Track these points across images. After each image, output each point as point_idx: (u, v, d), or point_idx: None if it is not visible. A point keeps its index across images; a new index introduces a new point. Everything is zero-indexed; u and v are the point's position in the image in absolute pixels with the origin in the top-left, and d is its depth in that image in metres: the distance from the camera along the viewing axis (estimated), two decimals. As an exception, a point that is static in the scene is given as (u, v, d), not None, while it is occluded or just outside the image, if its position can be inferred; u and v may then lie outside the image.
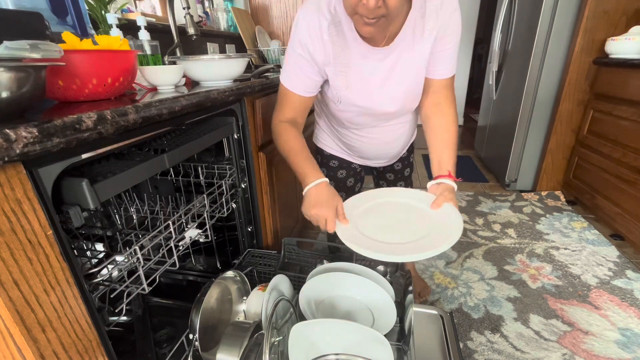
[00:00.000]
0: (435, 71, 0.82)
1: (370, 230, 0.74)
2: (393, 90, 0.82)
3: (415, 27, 0.75)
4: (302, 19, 0.75)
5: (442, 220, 0.74)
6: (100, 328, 0.55)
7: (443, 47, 0.78)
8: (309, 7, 0.74)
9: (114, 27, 0.94)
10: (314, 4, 0.74)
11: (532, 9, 2.00)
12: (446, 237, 0.69)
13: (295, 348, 0.67)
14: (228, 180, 0.98)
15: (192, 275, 1.20)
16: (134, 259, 0.66)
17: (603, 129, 1.81)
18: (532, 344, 1.13)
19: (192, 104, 0.69)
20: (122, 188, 0.58)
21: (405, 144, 1.05)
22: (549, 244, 1.69)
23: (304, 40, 0.75)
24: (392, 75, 0.80)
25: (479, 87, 5.02)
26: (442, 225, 0.73)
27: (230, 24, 2.01)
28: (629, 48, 1.66)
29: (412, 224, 0.76)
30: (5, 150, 0.36)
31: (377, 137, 0.96)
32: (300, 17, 0.75)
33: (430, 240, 0.69)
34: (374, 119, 0.89)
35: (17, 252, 0.41)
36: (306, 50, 0.76)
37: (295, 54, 0.78)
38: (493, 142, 2.64)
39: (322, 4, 0.73)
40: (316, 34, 0.74)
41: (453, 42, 0.78)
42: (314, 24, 0.74)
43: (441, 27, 0.75)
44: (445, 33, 0.76)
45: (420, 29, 0.75)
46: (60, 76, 0.56)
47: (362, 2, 0.61)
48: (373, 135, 0.95)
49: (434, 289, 1.39)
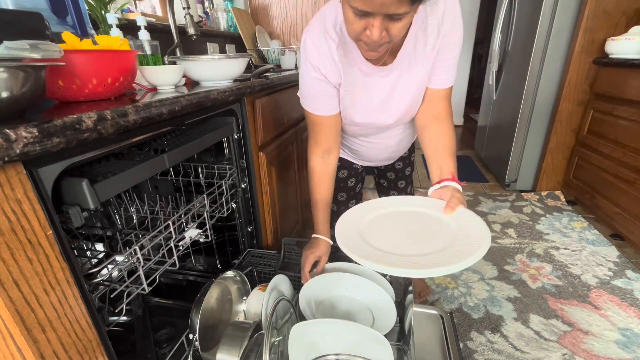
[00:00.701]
0: (435, 81, 0.81)
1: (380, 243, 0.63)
2: (396, 106, 0.82)
3: (417, 42, 0.74)
4: (310, 42, 0.74)
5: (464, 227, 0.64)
6: (100, 328, 0.55)
7: (445, 57, 0.77)
8: (314, 30, 0.73)
9: (114, 27, 0.94)
10: (319, 26, 0.73)
11: (532, 9, 2.00)
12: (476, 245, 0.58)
13: (295, 348, 0.67)
14: (228, 180, 0.98)
15: (192, 275, 1.20)
16: (134, 259, 0.66)
17: (603, 129, 1.81)
18: (532, 344, 1.13)
19: (192, 104, 0.69)
20: (122, 188, 0.58)
21: (407, 146, 1.06)
22: (549, 244, 1.69)
23: (315, 63, 0.75)
24: (395, 91, 0.80)
25: (479, 87, 5.02)
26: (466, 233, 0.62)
27: (230, 24, 2.01)
28: (629, 48, 1.66)
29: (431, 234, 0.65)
30: (5, 150, 0.36)
31: (380, 142, 0.98)
32: (308, 41, 0.74)
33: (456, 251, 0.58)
34: (377, 130, 0.91)
35: (17, 252, 0.41)
36: (320, 73, 0.76)
37: (310, 78, 0.77)
38: (493, 142, 2.64)
39: (328, 26, 0.72)
40: (327, 56, 0.74)
41: (454, 52, 0.77)
42: (324, 47, 0.73)
43: (443, 39, 0.74)
44: (447, 44, 0.75)
45: (422, 43, 0.74)
46: (60, 76, 0.56)
47: (366, 34, 0.61)
48: (376, 141, 0.97)
49: (434, 289, 1.39)
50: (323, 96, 0.80)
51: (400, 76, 0.78)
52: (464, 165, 2.87)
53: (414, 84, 0.79)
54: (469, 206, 2.24)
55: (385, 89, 0.79)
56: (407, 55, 0.75)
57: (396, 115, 0.84)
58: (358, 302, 0.84)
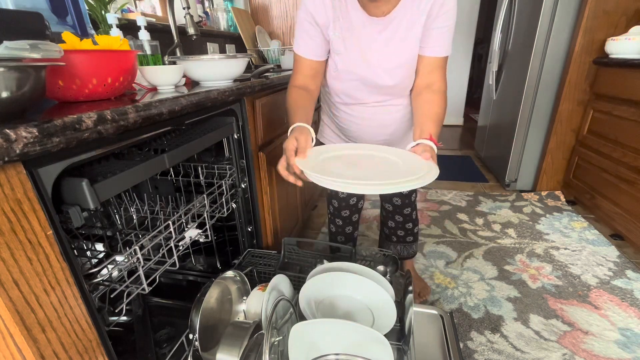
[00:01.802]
0: (431, 47, 0.85)
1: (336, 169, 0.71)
2: (389, 61, 0.85)
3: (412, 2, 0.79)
4: None
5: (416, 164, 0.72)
6: (100, 328, 0.55)
7: (440, 24, 0.81)
8: None
9: (114, 27, 0.94)
10: None
11: (532, 9, 2.00)
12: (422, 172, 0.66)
13: (295, 348, 0.67)
14: (228, 180, 0.99)
15: (192, 275, 1.20)
16: (134, 259, 0.66)
17: (603, 129, 1.81)
18: (532, 344, 1.13)
19: (192, 104, 0.70)
20: (122, 188, 0.58)
21: (403, 132, 1.05)
22: (549, 244, 1.69)
23: (308, 5, 0.82)
24: (389, 47, 0.84)
25: (479, 87, 5.02)
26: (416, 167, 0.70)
27: (230, 24, 2.02)
28: (629, 48, 1.66)
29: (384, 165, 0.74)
30: (5, 150, 0.36)
31: (371, 118, 0.98)
32: None
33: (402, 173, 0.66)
34: (369, 93, 0.92)
35: (17, 252, 0.41)
36: (309, 13, 0.83)
37: (300, 19, 0.85)
38: (493, 142, 2.64)
39: None
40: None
41: (449, 20, 0.81)
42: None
43: (435, 3, 0.79)
44: (440, 11, 0.80)
45: (417, 2, 0.79)
46: (60, 76, 0.56)
47: None
48: (367, 115, 0.97)
49: (434, 289, 1.39)
50: (308, 38, 0.86)
51: (396, 32, 0.82)
52: (464, 165, 2.87)
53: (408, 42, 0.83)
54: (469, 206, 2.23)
55: (380, 42, 0.84)
56: (403, 12, 0.80)
57: (389, 72, 0.87)
58: (358, 302, 0.84)
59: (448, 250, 1.65)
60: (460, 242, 1.72)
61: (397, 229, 1.26)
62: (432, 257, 1.60)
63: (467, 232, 1.81)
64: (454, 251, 1.64)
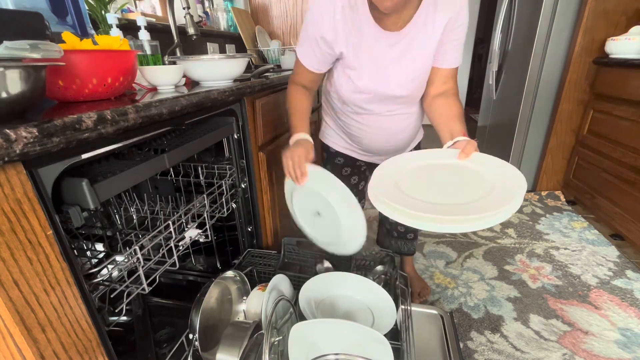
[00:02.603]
0: (445, 60, 0.86)
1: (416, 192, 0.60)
2: (401, 75, 0.85)
3: (427, 17, 0.79)
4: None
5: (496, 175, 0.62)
6: (100, 328, 0.55)
7: (454, 37, 0.82)
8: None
9: (114, 27, 0.94)
10: None
11: (532, 9, 2.00)
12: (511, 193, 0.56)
13: (295, 348, 0.67)
14: (228, 180, 0.98)
15: (192, 275, 1.20)
16: (134, 259, 0.66)
17: (603, 129, 1.81)
18: (532, 344, 1.13)
19: (192, 104, 0.69)
20: (122, 188, 0.58)
21: (411, 139, 1.04)
22: (549, 244, 1.69)
23: (315, 19, 0.80)
24: (401, 61, 0.84)
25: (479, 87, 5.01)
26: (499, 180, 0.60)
27: (230, 24, 2.01)
28: (629, 48, 1.66)
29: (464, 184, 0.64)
30: (5, 150, 0.36)
31: (382, 127, 0.97)
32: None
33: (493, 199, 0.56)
34: (380, 104, 0.92)
35: (17, 252, 0.41)
36: (316, 29, 0.81)
37: (306, 32, 0.84)
38: (493, 142, 2.64)
39: None
40: (328, 11, 0.78)
41: (462, 32, 0.83)
42: (327, 4, 0.78)
43: (451, 19, 0.79)
44: (455, 25, 0.80)
45: (431, 19, 0.79)
46: (60, 76, 0.56)
47: None
48: (378, 124, 0.97)
49: (434, 289, 1.39)
50: (311, 51, 0.86)
51: (409, 46, 0.82)
52: (464, 165, 2.87)
53: (421, 56, 0.84)
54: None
55: (392, 57, 0.83)
56: (416, 27, 0.80)
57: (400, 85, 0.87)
58: (358, 302, 0.84)
59: (448, 250, 1.65)
60: (460, 242, 1.71)
61: (398, 225, 1.26)
62: (432, 257, 1.60)
63: (467, 232, 1.81)
64: (454, 251, 1.64)
